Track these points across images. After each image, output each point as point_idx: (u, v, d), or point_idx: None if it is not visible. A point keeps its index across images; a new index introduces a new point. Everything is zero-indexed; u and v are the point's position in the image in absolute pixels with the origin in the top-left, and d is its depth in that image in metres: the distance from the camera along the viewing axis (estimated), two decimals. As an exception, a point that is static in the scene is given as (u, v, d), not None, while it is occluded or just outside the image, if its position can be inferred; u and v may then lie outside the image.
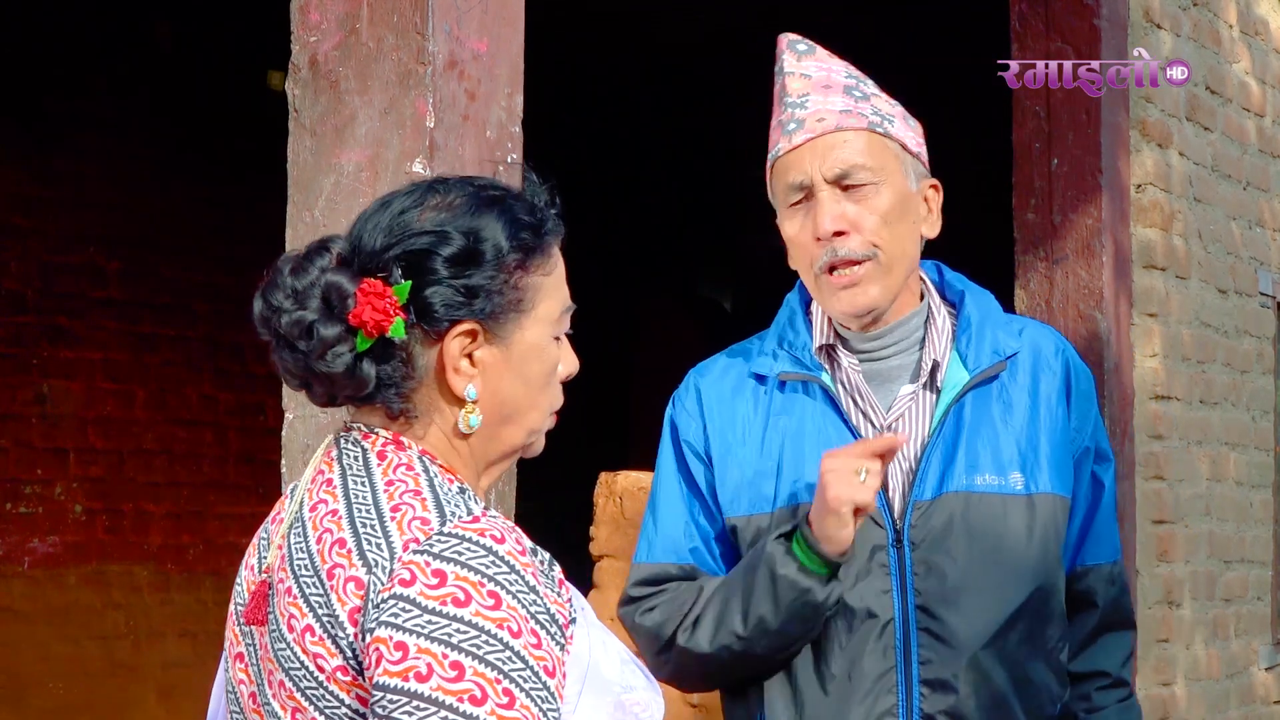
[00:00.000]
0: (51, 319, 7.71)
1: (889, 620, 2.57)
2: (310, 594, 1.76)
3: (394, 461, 1.81)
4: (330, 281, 1.79)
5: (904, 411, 2.64)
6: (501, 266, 1.83)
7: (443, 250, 1.80)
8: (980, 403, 2.63)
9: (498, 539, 1.72)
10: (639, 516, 5.13)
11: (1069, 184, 5.03)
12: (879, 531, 2.58)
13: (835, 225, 2.59)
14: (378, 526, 1.75)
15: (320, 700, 1.75)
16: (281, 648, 1.78)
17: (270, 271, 1.83)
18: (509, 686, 1.66)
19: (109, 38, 7.86)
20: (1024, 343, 2.68)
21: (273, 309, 1.80)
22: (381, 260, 1.80)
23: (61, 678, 7.61)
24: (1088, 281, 5.00)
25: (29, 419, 7.64)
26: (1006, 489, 2.60)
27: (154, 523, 8.08)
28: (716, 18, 8.16)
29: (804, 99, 2.65)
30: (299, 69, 3.02)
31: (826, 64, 2.69)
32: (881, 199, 2.60)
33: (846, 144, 2.61)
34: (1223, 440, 6.04)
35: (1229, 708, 6.03)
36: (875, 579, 2.58)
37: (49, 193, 7.70)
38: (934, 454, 2.60)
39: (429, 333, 1.81)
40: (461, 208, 1.84)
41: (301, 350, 1.79)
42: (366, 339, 1.78)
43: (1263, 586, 6.47)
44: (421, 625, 1.67)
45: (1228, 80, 6.10)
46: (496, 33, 3.04)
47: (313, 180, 2.98)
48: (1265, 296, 6.47)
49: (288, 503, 1.88)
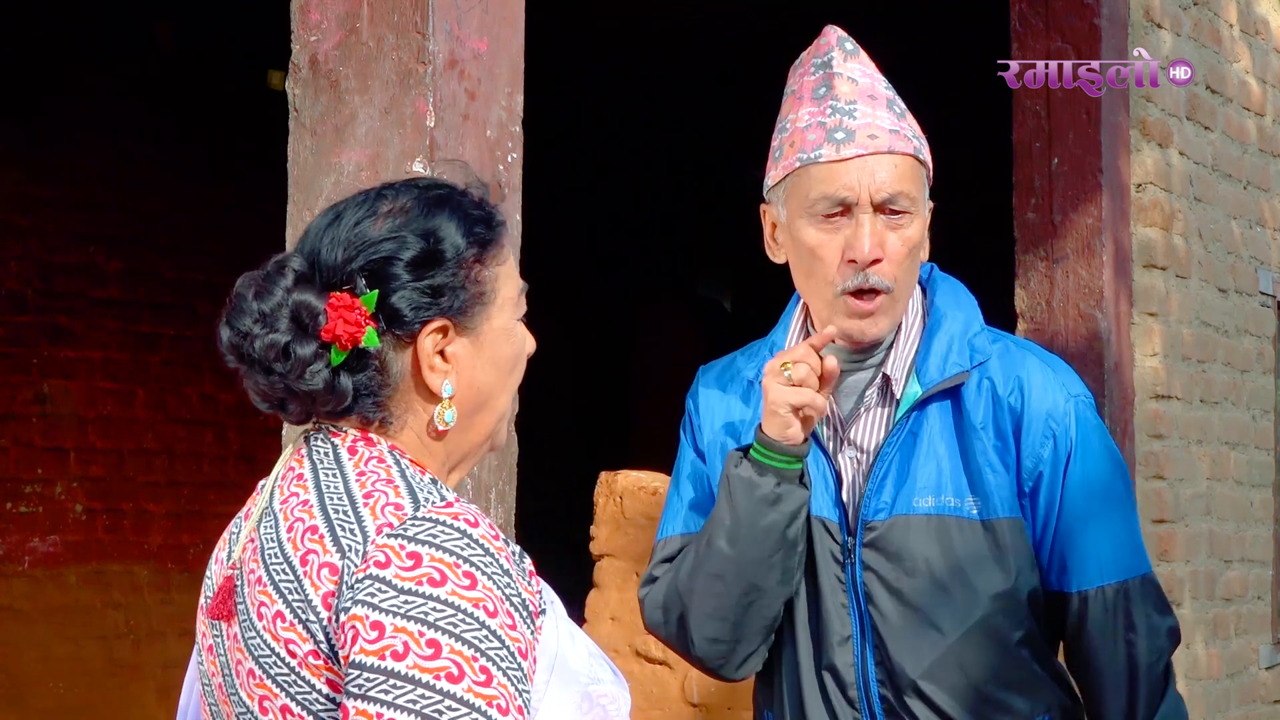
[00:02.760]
0: (52, 318, 7.71)
1: (848, 635, 2.59)
2: (280, 580, 1.77)
3: (365, 455, 1.83)
4: (298, 300, 1.80)
5: (860, 423, 2.61)
6: (461, 263, 1.85)
7: (403, 255, 1.82)
8: (941, 418, 2.58)
9: (471, 523, 1.74)
10: (639, 516, 5.14)
11: (1069, 183, 5.03)
12: (836, 546, 2.59)
13: (876, 253, 2.54)
14: (350, 513, 1.77)
15: (292, 686, 1.76)
16: (251, 636, 1.79)
17: (230, 299, 1.84)
18: (486, 664, 1.67)
19: (109, 37, 7.86)
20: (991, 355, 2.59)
21: (242, 335, 1.81)
22: (345, 273, 1.82)
23: (62, 677, 7.61)
24: (1088, 281, 5.00)
25: (29, 418, 7.64)
26: (962, 511, 2.55)
27: (154, 522, 8.09)
28: (717, 17, 8.16)
29: (852, 107, 2.57)
30: (299, 68, 3.02)
31: (869, 71, 2.63)
32: (912, 230, 2.56)
33: (896, 168, 2.55)
34: (1223, 440, 6.04)
35: (1229, 707, 6.03)
36: (835, 594, 2.59)
37: (49, 192, 7.70)
38: (887, 471, 2.57)
39: (400, 337, 1.83)
40: (414, 211, 1.86)
41: (279, 372, 1.80)
42: (340, 352, 1.80)
43: (1263, 586, 6.47)
44: (398, 605, 1.68)
45: (1228, 79, 6.10)
46: (496, 32, 3.04)
47: (313, 180, 2.98)
48: (1265, 296, 6.47)
49: (258, 498, 1.90)
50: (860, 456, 2.61)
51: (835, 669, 2.59)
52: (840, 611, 2.58)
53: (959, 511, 2.56)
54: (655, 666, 5.16)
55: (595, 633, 5.09)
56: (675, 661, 5.03)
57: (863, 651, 2.58)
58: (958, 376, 2.57)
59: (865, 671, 2.58)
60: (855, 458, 2.61)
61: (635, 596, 4.97)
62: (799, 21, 7.43)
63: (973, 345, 2.60)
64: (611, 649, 5.09)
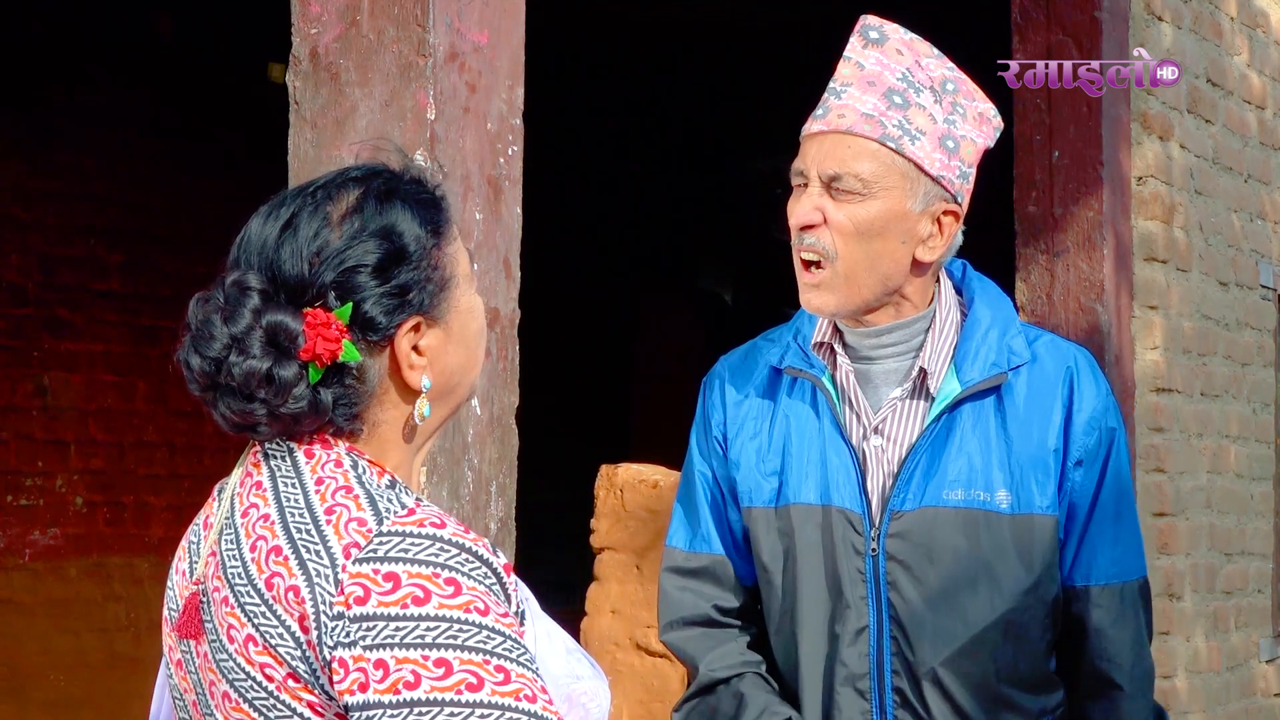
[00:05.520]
0: (52, 311, 7.71)
1: (864, 627, 2.59)
2: (247, 604, 1.74)
3: (321, 459, 1.78)
4: (272, 322, 1.75)
5: (890, 416, 2.62)
6: (423, 254, 1.81)
7: (368, 260, 1.78)
8: (977, 415, 2.60)
9: (438, 524, 1.71)
10: (640, 509, 5.13)
11: (1070, 176, 5.03)
12: (858, 538, 2.59)
13: (805, 219, 2.59)
14: (313, 532, 1.73)
15: (271, 711, 1.73)
16: (224, 659, 1.76)
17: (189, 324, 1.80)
18: (500, 663, 1.66)
19: (110, 30, 7.86)
20: (1031, 358, 2.63)
21: (216, 363, 1.77)
22: (315, 288, 1.77)
23: (62, 670, 7.61)
24: (1088, 274, 5.00)
25: (30, 411, 7.65)
26: (991, 505, 2.57)
27: (155, 515, 8.09)
28: (719, 10, 8.15)
29: (844, 88, 2.62)
30: (299, 61, 3.02)
31: (889, 59, 2.63)
32: (863, 210, 2.57)
33: (849, 149, 2.58)
34: (1223, 433, 6.04)
35: (1229, 700, 6.03)
36: (854, 586, 2.59)
37: (49, 185, 7.70)
38: (917, 465, 2.59)
39: (375, 342, 1.79)
40: (366, 209, 1.81)
41: (261, 398, 1.75)
42: (318, 370, 1.76)
43: (1263, 579, 6.47)
44: (392, 636, 1.66)
45: (1228, 73, 6.10)
46: (497, 25, 3.04)
47: (313, 173, 2.97)
48: (1266, 289, 6.47)
49: (216, 505, 1.85)
50: (887, 446, 2.61)
51: (847, 661, 2.59)
52: (859, 604, 2.59)
53: (988, 505, 2.57)
54: (656, 660, 5.15)
55: (595, 626, 5.09)
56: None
57: (879, 643, 2.58)
58: (997, 378, 2.60)
59: (880, 664, 2.58)
60: (881, 447, 2.61)
61: (636, 589, 4.97)
62: (800, 14, 7.44)
63: (1011, 348, 2.63)
64: (612, 641, 5.09)
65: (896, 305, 2.63)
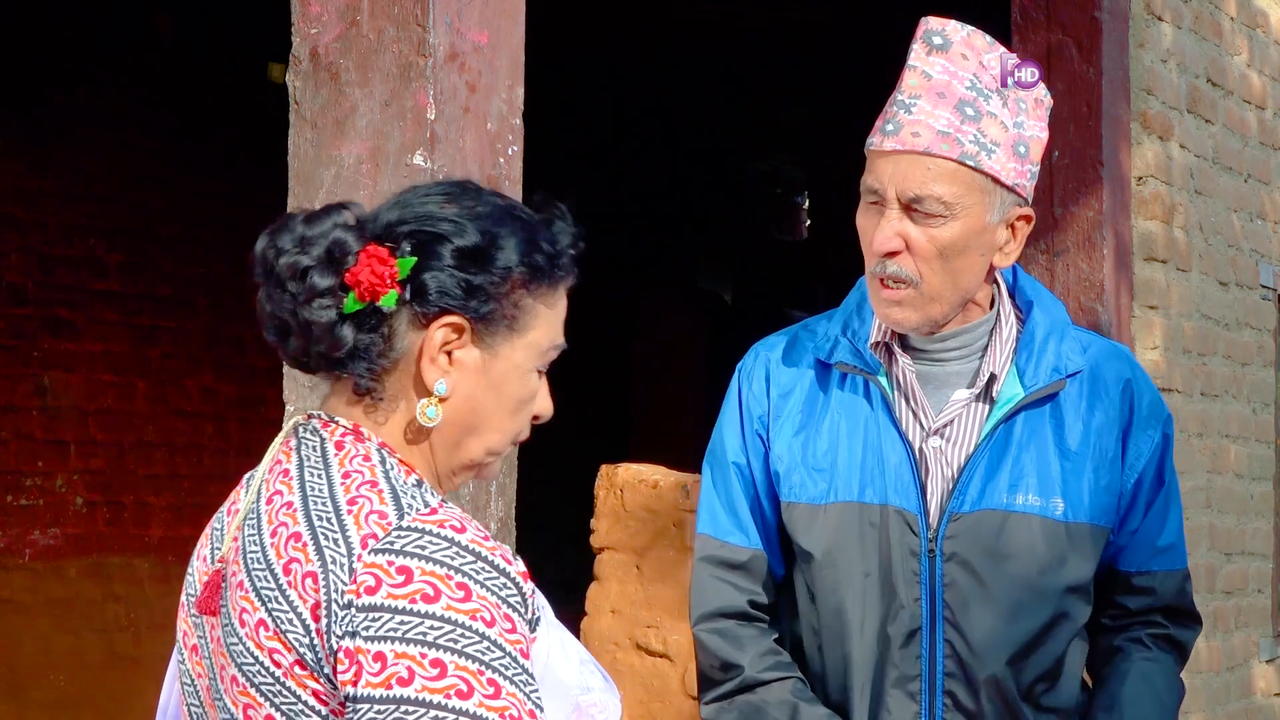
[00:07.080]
0: (52, 311, 7.71)
1: (916, 628, 2.58)
2: (262, 588, 1.75)
3: (351, 452, 1.79)
4: (337, 237, 1.79)
5: (954, 419, 2.61)
6: (507, 277, 1.82)
7: (455, 240, 1.80)
8: (1034, 420, 2.61)
9: (458, 529, 1.71)
10: (640, 509, 5.13)
11: (1070, 176, 5.03)
12: (914, 539, 2.58)
13: (888, 245, 2.55)
14: (334, 520, 1.73)
15: (276, 696, 1.74)
16: (234, 641, 1.77)
17: (283, 217, 1.83)
18: (492, 676, 1.65)
19: (110, 29, 7.86)
20: (1086, 363, 2.65)
21: (275, 249, 1.80)
22: (394, 232, 1.80)
23: (62, 670, 7.61)
24: (1088, 274, 5.00)
25: (29, 411, 7.65)
26: (1047, 512, 2.59)
27: (155, 515, 8.09)
28: (721, 8, 8.15)
29: (914, 101, 2.56)
30: (299, 61, 3.02)
31: (955, 66, 2.59)
32: (946, 231, 2.54)
33: (928, 171, 2.53)
34: (1223, 433, 6.05)
35: (1229, 700, 6.04)
36: (910, 587, 2.58)
37: (49, 184, 7.70)
38: (978, 467, 2.59)
39: (417, 315, 1.80)
40: (486, 214, 1.84)
41: (290, 291, 1.78)
42: (357, 301, 1.78)
43: (1263, 579, 6.47)
44: (395, 629, 1.66)
45: (1228, 72, 6.10)
46: (497, 25, 3.04)
47: (313, 172, 2.98)
48: (1266, 289, 6.47)
49: (243, 493, 1.87)
50: (947, 448, 2.61)
51: (899, 663, 2.59)
52: (913, 605, 2.58)
53: (1045, 511, 2.59)
54: (656, 660, 5.15)
55: (595, 626, 5.09)
56: (676, 655, 5.03)
57: (931, 645, 2.58)
58: (1057, 384, 2.61)
59: (933, 666, 2.58)
60: (941, 449, 2.61)
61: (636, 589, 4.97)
62: (803, 13, 7.44)
63: (1069, 354, 2.65)
64: (612, 642, 5.09)
65: (965, 309, 2.63)
